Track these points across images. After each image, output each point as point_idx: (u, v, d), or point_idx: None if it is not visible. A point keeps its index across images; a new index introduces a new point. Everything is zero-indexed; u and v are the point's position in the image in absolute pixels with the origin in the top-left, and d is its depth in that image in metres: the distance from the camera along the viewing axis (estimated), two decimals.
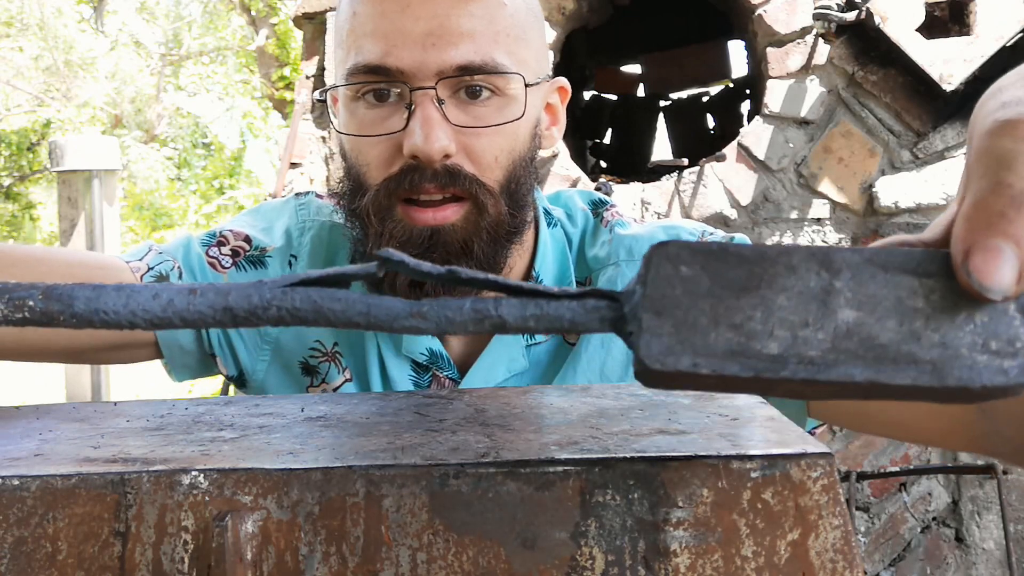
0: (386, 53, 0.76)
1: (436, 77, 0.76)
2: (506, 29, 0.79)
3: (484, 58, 0.77)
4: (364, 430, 0.54)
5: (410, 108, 0.77)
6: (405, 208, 0.79)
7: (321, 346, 0.92)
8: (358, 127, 0.81)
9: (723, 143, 2.91)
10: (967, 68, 2.52)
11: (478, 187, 0.78)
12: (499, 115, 0.79)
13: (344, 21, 0.81)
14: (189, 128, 16.18)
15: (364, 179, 0.81)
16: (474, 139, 0.78)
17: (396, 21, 0.76)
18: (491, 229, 0.79)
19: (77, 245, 4.29)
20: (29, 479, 0.45)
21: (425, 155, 0.76)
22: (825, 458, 0.44)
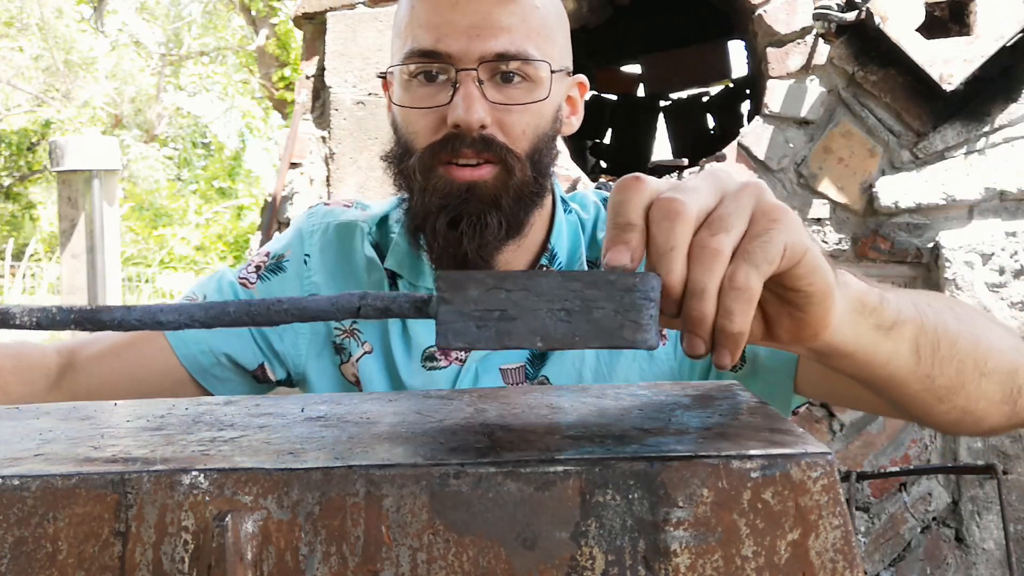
0: (437, 40, 0.92)
1: (478, 61, 0.92)
2: (537, 27, 0.94)
3: (518, 48, 0.92)
4: (364, 430, 0.54)
5: (455, 86, 0.92)
6: (446, 168, 0.94)
7: (340, 326, 1.05)
8: (410, 101, 0.95)
9: (723, 143, 2.91)
10: (967, 68, 2.52)
11: (507, 153, 0.93)
12: (527, 96, 0.94)
13: (403, 14, 0.97)
14: (189, 128, 16.17)
15: (412, 145, 0.96)
16: (506, 115, 0.93)
17: (446, 15, 0.92)
18: (517, 188, 0.94)
19: (77, 245, 4.29)
20: (29, 479, 0.45)
21: (466, 124, 0.91)
22: (825, 458, 0.44)
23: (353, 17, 2.99)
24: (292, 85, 9.84)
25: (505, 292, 0.53)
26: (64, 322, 0.57)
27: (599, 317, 0.52)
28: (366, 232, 1.07)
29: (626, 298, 0.52)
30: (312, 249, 1.07)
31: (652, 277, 0.52)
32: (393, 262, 1.03)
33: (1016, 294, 2.57)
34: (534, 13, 0.94)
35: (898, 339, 0.67)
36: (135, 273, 10.66)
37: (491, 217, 0.93)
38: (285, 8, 11.32)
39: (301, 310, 0.57)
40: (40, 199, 14.31)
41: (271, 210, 3.09)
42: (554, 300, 0.52)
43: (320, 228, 1.09)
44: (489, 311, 0.53)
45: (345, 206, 1.12)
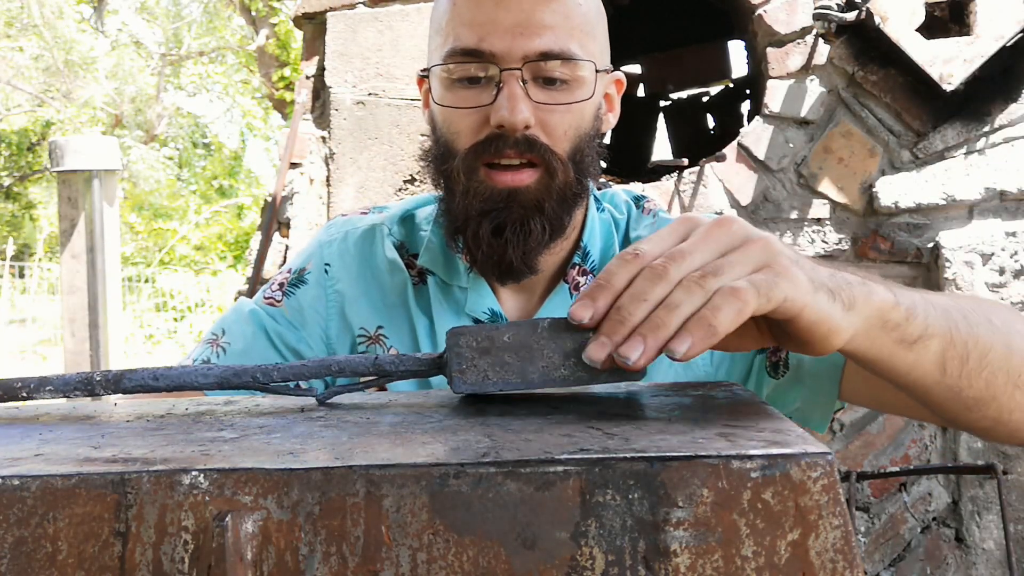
0: (481, 39, 0.91)
1: (522, 61, 0.90)
2: (580, 25, 0.93)
3: (562, 47, 0.91)
4: (364, 430, 0.54)
5: (498, 86, 0.91)
6: (487, 171, 0.93)
7: (365, 331, 1.04)
8: (453, 101, 0.94)
9: (723, 143, 2.91)
10: (967, 68, 2.52)
11: (550, 155, 0.92)
12: (571, 96, 0.93)
13: (443, 12, 0.96)
14: (189, 128, 16.17)
15: (453, 146, 0.95)
16: (549, 115, 0.92)
17: (490, 13, 0.91)
18: (560, 191, 0.93)
19: (77, 245, 4.29)
20: (29, 479, 0.45)
21: (510, 124, 0.90)
22: (825, 458, 0.44)
23: (353, 17, 2.99)
24: (292, 85, 9.84)
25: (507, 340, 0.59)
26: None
27: None
28: (386, 233, 1.07)
29: None
30: (332, 258, 1.07)
31: None
32: (427, 259, 1.03)
33: (1016, 294, 2.57)
34: (577, 10, 0.93)
35: (922, 352, 0.69)
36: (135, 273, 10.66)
37: (535, 223, 0.92)
38: (285, 8, 11.32)
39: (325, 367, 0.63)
40: (40, 199, 14.30)
41: (271, 210, 3.09)
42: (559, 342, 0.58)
43: (339, 237, 1.08)
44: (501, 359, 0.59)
45: (362, 213, 1.12)
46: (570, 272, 1.00)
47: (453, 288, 1.01)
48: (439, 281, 1.02)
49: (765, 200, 2.76)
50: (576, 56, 0.92)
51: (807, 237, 2.73)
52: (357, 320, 1.03)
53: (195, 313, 10.23)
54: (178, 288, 10.56)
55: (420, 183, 2.93)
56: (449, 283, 1.01)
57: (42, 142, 13.29)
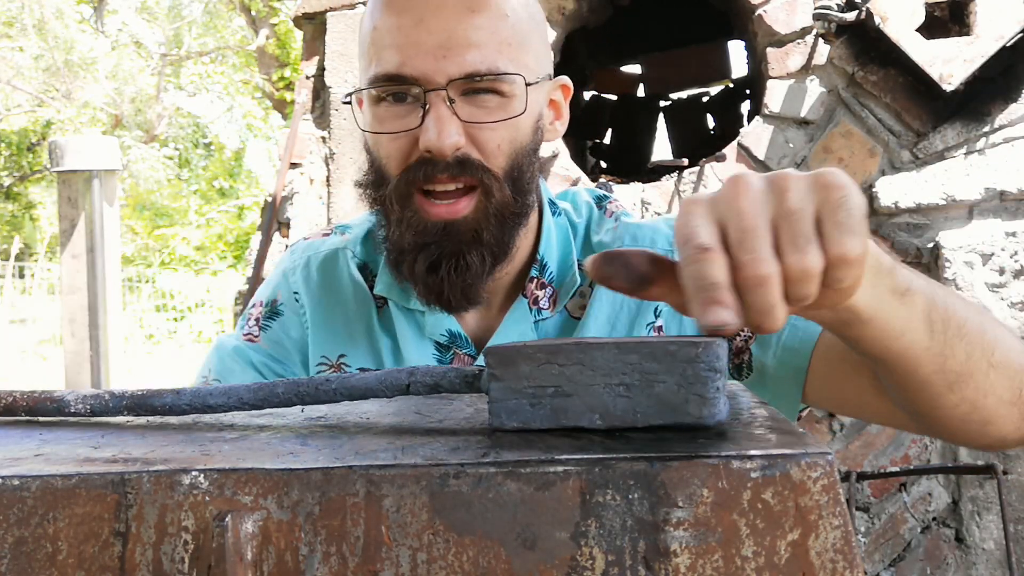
0: (402, 63, 0.87)
1: (447, 81, 0.86)
2: (508, 38, 0.89)
3: (489, 65, 0.87)
4: (364, 430, 0.54)
5: (425, 108, 0.87)
6: (421, 200, 0.89)
7: (327, 360, 1.01)
8: (379, 125, 0.91)
9: (723, 143, 2.91)
10: (967, 68, 2.52)
11: (485, 174, 0.88)
12: (502, 111, 0.89)
13: (366, 34, 0.92)
14: (189, 128, 16.17)
15: (385, 171, 0.91)
16: (480, 132, 0.88)
17: (411, 34, 0.87)
18: (498, 213, 0.89)
19: (77, 245, 4.29)
20: (29, 479, 0.45)
21: (438, 149, 0.86)
22: (825, 458, 0.44)
23: (353, 17, 2.99)
24: (292, 85, 9.84)
25: (558, 367, 0.50)
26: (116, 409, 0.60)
27: (661, 391, 0.49)
28: (350, 257, 1.04)
29: (689, 370, 0.48)
30: (298, 286, 1.04)
31: (716, 346, 0.49)
32: (382, 287, 1.00)
33: (1016, 294, 2.57)
34: (503, 23, 0.89)
35: (911, 307, 0.67)
36: (135, 273, 10.67)
37: (472, 256, 0.88)
38: (285, 8, 11.32)
39: (349, 389, 0.57)
40: (40, 199, 14.31)
41: (271, 210, 3.09)
42: (611, 374, 0.50)
43: (301, 263, 1.05)
44: (543, 387, 0.51)
45: (324, 235, 1.09)
46: (528, 286, 0.97)
47: (413, 312, 0.98)
48: (397, 307, 0.99)
49: None
50: (505, 71, 0.87)
51: None
52: (318, 349, 1.01)
53: (195, 313, 10.24)
54: (178, 288, 10.56)
55: None
56: (408, 307, 0.98)
57: (42, 142, 13.29)
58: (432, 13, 0.87)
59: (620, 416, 0.49)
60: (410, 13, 0.87)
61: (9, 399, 0.60)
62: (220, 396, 0.58)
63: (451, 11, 0.87)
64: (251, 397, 0.58)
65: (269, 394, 0.58)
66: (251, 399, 0.58)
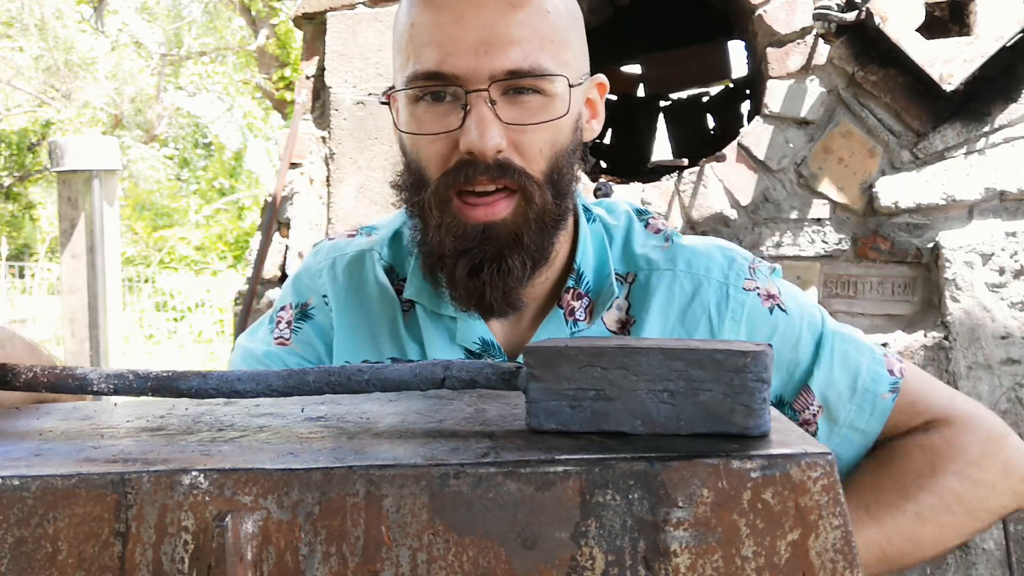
0: (442, 60, 0.84)
1: (488, 80, 0.84)
2: (550, 35, 0.87)
3: (531, 63, 0.84)
4: (364, 430, 0.54)
5: (465, 108, 0.85)
6: (460, 203, 0.87)
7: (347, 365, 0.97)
8: (418, 126, 0.88)
9: (723, 143, 2.91)
10: (967, 68, 2.52)
11: (526, 179, 0.86)
12: (545, 112, 0.86)
13: (402, 31, 0.89)
14: (189, 128, 16.17)
15: (424, 174, 0.89)
16: (521, 135, 0.86)
17: (451, 31, 0.84)
18: (539, 217, 0.87)
19: (77, 245, 4.29)
20: (29, 479, 0.45)
21: (480, 151, 0.84)
22: (825, 458, 0.44)
23: (353, 17, 2.99)
24: (292, 85, 9.84)
25: (601, 370, 0.49)
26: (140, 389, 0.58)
27: (706, 400, 0.48)
28: (376, 259, 1.01)
29: (736, 380, 0.48)
30: (325, 288, 1.02)
31: (764, 355, 0.48)
32: (412, 291, 0.97)
33: (1016, 294, 2.57)
34: (545, 20, 0.86)
35: None
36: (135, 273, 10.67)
37: (513, 259, 0.86)
38: (285, 8, 11.32)
39: (382, 380, 0.56)
40: (40, 199, 14.30)
41: (271, 210, 3.09)
42: (655, 380, 0.48)
43: (327, 265, 1.03)
44: (583, 390, 0.49)
45: (350, 236, 1.06)
46: (564, 296, 0.95)
47: (443, 317, 0.96)
48: (427, 312, 0.97)
49: (765, 200, 2.76)
50: (549, 71, 0.85)
51: (807, 237, 2.73)
52: (343, 352, 0.99)
53: (195, 313, 10.23)
54: (178, 288, 10.56)
55: None
56: (438, 312, 0.96)
57: (42, 142, 13.29)
58: (472, 9, 0.84)
59: (663, 423, 0.48)
60: (449, 9, 0.85)
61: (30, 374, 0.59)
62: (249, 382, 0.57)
63: (492, 7, 0.84)
64: (281, 384, 0.56)
65: (299, 382, 0.56)
66: (280, 386, 0.56)
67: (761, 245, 2.74)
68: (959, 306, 2.57)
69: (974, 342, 2.58)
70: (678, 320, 0.93)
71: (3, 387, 0.59)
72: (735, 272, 0.94)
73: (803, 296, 0.98)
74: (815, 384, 0.92)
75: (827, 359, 0.92)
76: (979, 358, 2.58)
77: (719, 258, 0.96)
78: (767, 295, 0.94)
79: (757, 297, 0.94)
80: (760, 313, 0.93)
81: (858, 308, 2.70)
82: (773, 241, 2.74)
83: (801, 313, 0.94)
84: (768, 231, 2.75)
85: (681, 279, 0.95)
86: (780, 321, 0.93)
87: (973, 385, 2.58)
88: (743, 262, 0.96)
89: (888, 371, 0.93)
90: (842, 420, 0.92)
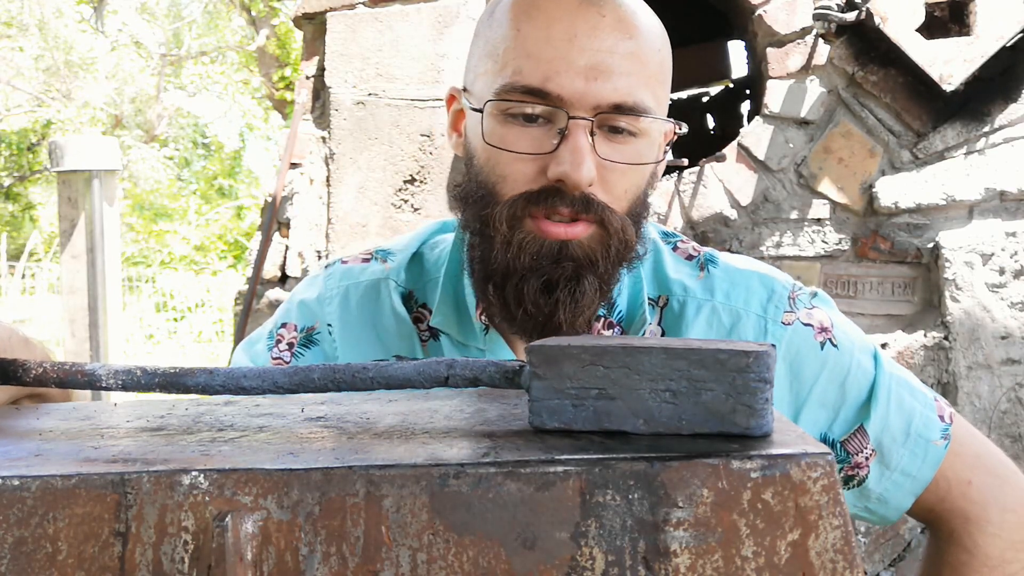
0: (547, 78, 0.80)
1: (593, 110, 0.80)
2: (656, 74, 0.84)
3: (636, 99, 0.81)
4: (364, 430, 0.54)
5: (562, 134, 0.80)
6: (535, 222, 0.83)
7: None
8: (501, 141, 0.83)
9: (723, 143, 2.91)
10: (967, 68, 2.52)
11: (608, 212, 0.82)
12: (638, 154, 0.83)
13: (502, 37, 0.84)
14: (189, 128, 16.18)
15: (497, 188, 0.84)
16: (610, 173, 0.82)
17: (562, 49, 0.79)
18: (617, 251, 0.84)
19: (77, 245, 4.29)
20: (29, 479, 0.45)
21: (573, 182, 0.79)
22: (825, 458, 0.44)
23: (353, 17, 2.99)
24: (292, 85, 9.84)
25: (603, 369, 0.49)
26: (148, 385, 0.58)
27: (708, 400, 0.48)
28: (393, 287, 0.97)
29: (738, 380, 0.47)
30: (332, 318, 0.97)
31: (767, 355, 0.48)
32: (440, 319, 0.93)
33: (1016, 294, 2.57)
34: (654, 56, 0.83)
35: None
36: (135, 273, 10.67)
37: (587, 281, 0.82)
38: (285, 8, 11.32)
39: (387, 378, 0.55)
40: (40, 199, 14.30)
41: (271, 210, 3.09)
42: (657, 380, 0.48)
43: (339, 294, 0.98)
44: (586, 389, 0.49)
45: (364, 260, 1.01)
46: (595, 326, 0.91)
47: (470, 348, 0.92)
48: (454, 343, 0.93)
49: (765, 200, 2.76)
50: (650, 112, 0.82)
51: (807, 237, 2.73)
52: None
53: (195, 313, 10.23)
54: (178, 288, 10.56)
55: (420, 183, 2.93)
56: (466, 344, 0.92)
57: (42, 142, 13.29)
58: (587, 32, 0.80)
59: (665, 423, 0.48)
60: (562, 26, 0.80)
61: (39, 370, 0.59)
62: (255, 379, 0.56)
63: (608, 32, 0.80)
64: (286, 381, 0.56)
65: (304, 379, 0.56)
66: (286, 383, 0.56)
67: (761, 245, 2.75)
68: (959, 306, 2.57)
69: (974, 342, 2.58)
70: None
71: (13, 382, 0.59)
72: (774, 305, 0.92)
73: (854, 330, 0.96)
74: (871, 427, 0.91)
75: (884, 403, 0.91)
76: (979, 358, 2.58)
77: (758, 289, 0.94)
78: (820, 328, 0.92)
79: (806, 328, 0.92)
80: (810, 347, 0.91)
81: (858, 308, 2.70)
82: (773, 241, 2.75)
83: (852, 349, 0.93)
84: (768, 231, 2.75)
85: (720, 312, 0.92)
86: (830, 357, 0.92)
87: (973, 385, 2.58)
88: (783, 291, 0.93)
89: (939, 417, 0.93)
90: (894, 465, 0.92)
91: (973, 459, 0.93)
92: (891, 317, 2.70)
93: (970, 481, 0.92)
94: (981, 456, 0.93)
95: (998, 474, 0.93)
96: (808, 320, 0.92)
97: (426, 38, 2.95)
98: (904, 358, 2.62)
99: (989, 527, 0.90)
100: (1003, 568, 0.90)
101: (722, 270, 0.95)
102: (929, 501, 0.93)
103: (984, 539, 0.90)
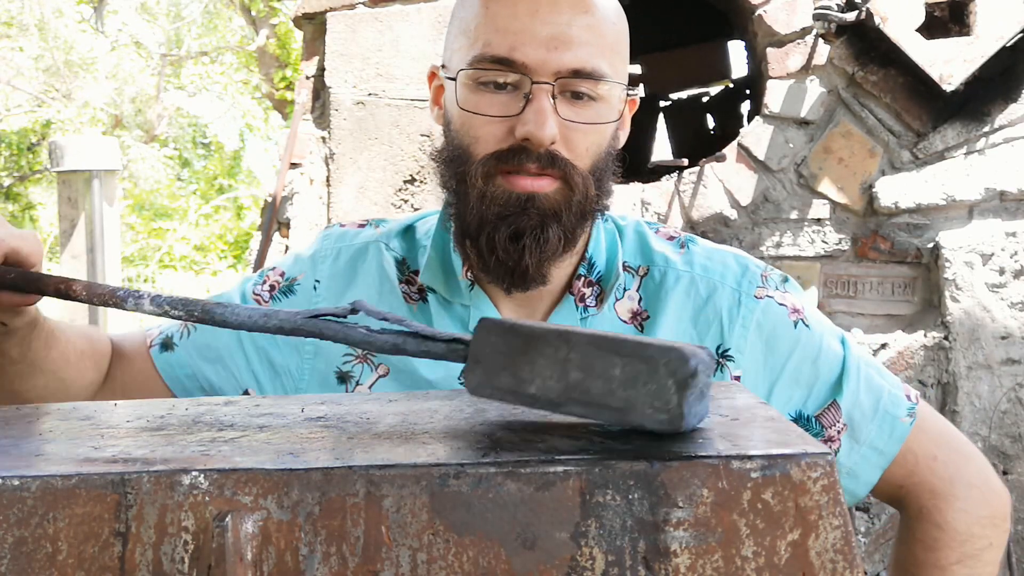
0: (513, 48, 0.89)
1: (554, 76, 0.89)
2: (612, 44, 0.93)
3: (594, 66, 0.90)
4: (364, 430, 0.54)
5: (527, 98, 0.90)
6: (505, 177, 0.92)
7: (353, 350, 1.02)
8: (475, 106, 0.92)
9: (723, 143, 2.91)
10: (967, 68, 2.52)
11: (571, 168, 0.92)
12: (597, 115, 0.92)
13: (474, 15, 0.94)
14: (189, 128, 16.17)
15: (470, 151, 0.93)
16: (572, 132, 0.91)
17: (526, 23, 0.90)
18: (579, 205, 0.93)
19: (77, 245, 4.29)
20: (29, 479, 0.45)
21: (537, 139, 0.89)
22: (825, 458, 0.44)
23: (353, 17, 2.99)
24: (292, 85, 9.84)
25: (535, 351, 0.53)
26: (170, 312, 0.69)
27: (635, 392, 0.49)
28: (384, 248, 1.05)
29: (665, 374, 0.49)
30: (322, 275, 1.05)
31: (696, 353, 0.49)
32: (427, 276, 1.01)
33: (1016, 294, 2.57)
34: (611, 28, 0.93)
35: None
36: (135, 273, 10.66)
37: (552, 231, 0.91)
38: (285, 8, 11.32)
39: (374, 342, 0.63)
40: (40, 199, 14.29)
41: (271, 210, 3.09)
42: (587, 369, 0.51)
43: (332, 254, 1.07)
44: (517, 362, 0.53)
45: (359, 226, 1.10)
46: (575, 284, 0.99)
47: (455, 305, 0.99)
48: (440, 299, 1.00)
49: (765, 200, 2.76)
50: (606, 76, 0.91)
51: (807, 237, 2.73)
52: None
53: None
54: (178, 288, 10.54)
55: (420, 183, 2.93)
56: (451, 300, 0.99)
57: (42, 142, 13.28)
58: (548, 7, 0.90)
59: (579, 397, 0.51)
60: (526, 3, 0.90)
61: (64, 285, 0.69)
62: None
63: (567, 6, 0.90)
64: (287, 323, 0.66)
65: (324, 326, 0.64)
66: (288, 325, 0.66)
67: (761, 245, 2.75)
68: (959, 306, 2.58)
69: (974, 342, 2.58)
70: (691, 322, 0.98)
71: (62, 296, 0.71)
72: (748, 280, 0.99)
73: (823, 316, 1.04)
74: (843, 402, 0.97)
75: (854, 380, 0.98)
76: (979, 358, 2.58)
77: (733, 265, 1.01)
78: (793, 309, 0.99)
79: (780, 307, 0.98)
80: (785, 325, 0.98)
81: (858, 308, 2.70)
82: (773, 241, 2.75)
83: (823, 331, 0.99)
84: (768, 231, 2.75)
85: (698, 283, 0.99)
86: (803, 335, 0.98)
87: (973, 385, 2.58)
88: (755, 270, 1.01)
89: (906, 396, 1.00)
90: (863, 439, 0.98)
91: (937, 436, 1.00)
92: (891, 317, 2.70)
93: (935, 456, 0.98)
94: (944, 434, 1.00)
95: (962, 451, 1.00)
96: (783, 301, 0.99)
97: (426, 38, 2.95)
98: (904, 358, 2.62)
99: (956, 502, 0.97)
100: (972, 543, 0.96)
101: (701, 248, 1.04)
102: (898, 476, 0.99)
103: (953, 514, 0.97)
